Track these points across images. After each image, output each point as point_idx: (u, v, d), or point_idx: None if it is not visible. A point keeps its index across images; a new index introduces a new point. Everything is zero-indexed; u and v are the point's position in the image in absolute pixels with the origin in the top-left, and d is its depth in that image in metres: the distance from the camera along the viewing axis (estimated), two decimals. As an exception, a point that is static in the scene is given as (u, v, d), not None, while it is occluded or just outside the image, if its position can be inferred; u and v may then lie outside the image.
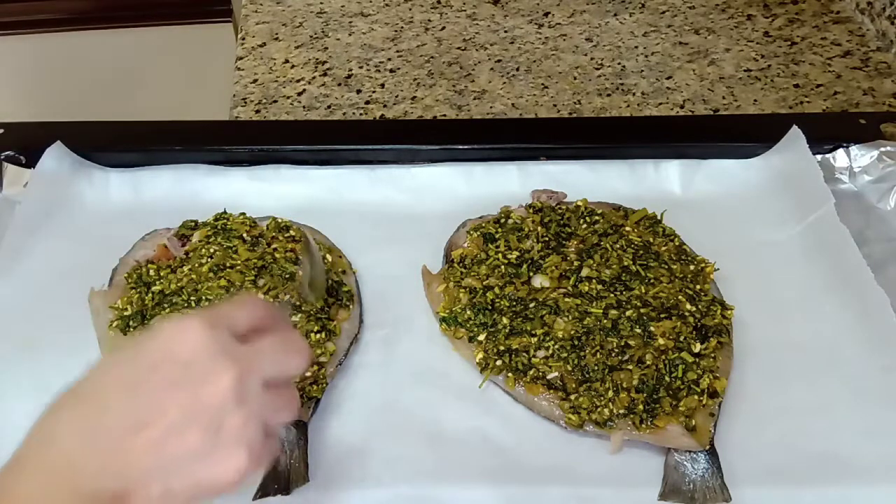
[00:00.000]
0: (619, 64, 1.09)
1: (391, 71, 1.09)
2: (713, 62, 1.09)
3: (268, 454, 0.48)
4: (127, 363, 0.46)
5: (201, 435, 0.44)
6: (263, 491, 0.61)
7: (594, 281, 0.72)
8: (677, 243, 0.77)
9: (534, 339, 0.69)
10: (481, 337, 0.70)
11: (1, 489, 0.43)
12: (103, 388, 0.46)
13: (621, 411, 0.65)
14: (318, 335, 0.70)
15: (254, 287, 0.72)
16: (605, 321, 0.69)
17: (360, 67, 1.10)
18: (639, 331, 0.68)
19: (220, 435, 0.45)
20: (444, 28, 1.17)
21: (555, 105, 1.03)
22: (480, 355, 0.70)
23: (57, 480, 0.44)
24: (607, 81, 1.07)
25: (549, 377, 0.67)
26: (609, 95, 1.04)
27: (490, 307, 0.72)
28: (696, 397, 0.65)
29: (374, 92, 1.05)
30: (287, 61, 1.11)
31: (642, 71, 1.08)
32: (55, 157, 0.84)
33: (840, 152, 0.87)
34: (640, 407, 0.65)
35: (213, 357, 0.45)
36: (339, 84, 1.07)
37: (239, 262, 0.74)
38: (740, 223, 0.83)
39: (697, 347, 0.68)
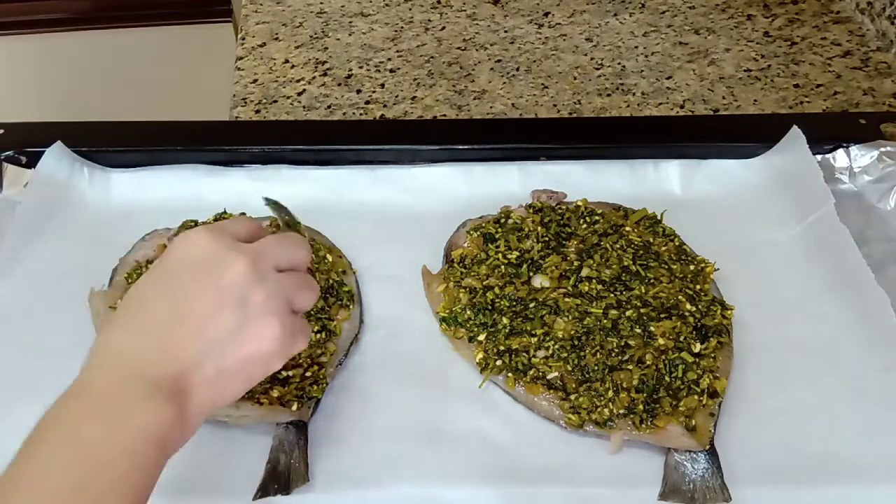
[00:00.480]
0: (619, 64, 1.09)
1: (391, 71, 1.09)
2: (713, 62, 1.09)
3: (301, 330, 0.54)
4: (155, 274, 0.54)
5: (232, 313, 0.51)
6: (263, 491, 0.61)
7: (594, 281, 0.72)
8: (677, 243, 0.77)
9: (534, 339, 0.69)
10: (481, 337, 0.70)
11: (80, 388, 0.49)
12: (141, 296, 0.53)
13: (621, 411, 0.65)
14: (318, 335, 0.70)
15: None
16: (605, 321, 0.69)
17: (360, 67, 1.10)
18: (639, 331, 0.68)
19: (247, 309, 0.51)
20: (444, 28, 1.17)
21: (555, 105, 1.03)
22: (480, 355, 0.70)
23: (124, 372, 0.49)
24: (607, 81, 1.07)
25: (549, 377, 0.67)
26: (609, 95, 1.04)
27: (490, 307, 0.72)
28: (696, 397, 0.65)
29: (374, 92, 1.05)
30: (287, 61, 1.11)
31: (642, 71, 1.08)
32: (55, 157, 0.84)
33: (840, 152, 0.87)
34: (640, 407, 0.65)
35: (223, 251, 0.52)
36: (339, 84, 1.07)
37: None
38: (740, 223, 0.83)
39: (697, 347, 0.68)
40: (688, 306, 0.70)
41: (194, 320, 0.51)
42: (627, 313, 0.69)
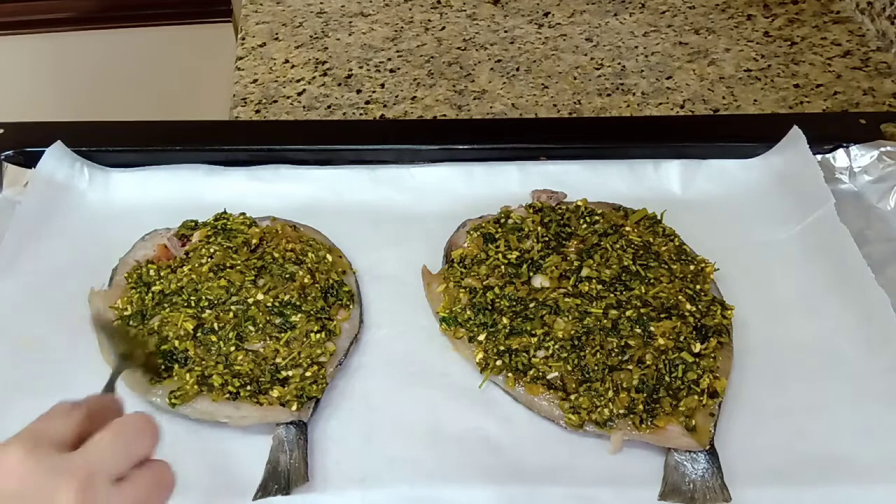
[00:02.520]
0: (619, 64, 1.09)
1: (391, 71, 1.09)
2: (713, 62, 1.09)
3: None
4: None
5: None
6: (263, 491, 0.61)
7: (594, 281, 0.72)
8: (677, 243, 0.77)
9: (534, 339, 0.69)
10: (481, 337, 0.70)
11: None
12: None
13: (621, 411, 0.65)
14: (318, 335, 0.70)
15: (254, 287, 0.72)
16: (605, 321, 0.69)
17: (360, 67, 1.10)
18: (639, 331, 0.68)
19: None
20: (444, 28, 1.17)
21: (555, 105, 1.03)
22: (480, 355, 0.70)
23: None
24: (607, 81, 1.07)
25: (549, 377, 0.67)
26: (609, 95, 1.04)
27: (490, 307, 0.72)
28: (696, 397, 0.65)
29: (374, 92, 1.05)
30: (287, 61, 1.11)
31: (642, 71, 1.08)
32: (55, 157, 0.84)
33: (840, 152, 0.87)
34: (640, 407, 0.65)
35: (43, 480, 0.42)
36: (339, 84, 1.07)
37: (239, 262, 0.74)
38: (740, 223, 0.83)
39: (697, 347, 0.68)
40: (688, 306, 0.70)
41: None
42: (627, 313, 0.69)
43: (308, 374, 0.67)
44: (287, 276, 0.73)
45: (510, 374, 0.68)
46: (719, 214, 0.84)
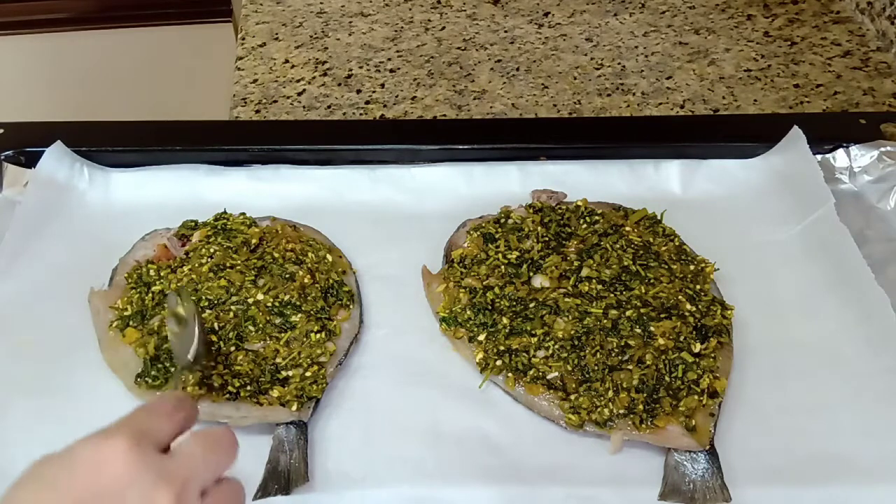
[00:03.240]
0: (619, 64, 1.09)
1: (391, 71, 1.09)
2: (713, 62, 1.09)
3: None
4: (52, 494, 0.41)
5: None
6: (263, 491, 0.61)
7: (594, 281, 0.72)
8: (677, 243, 0.77)
9: (534, 339, 0.69)
10: (481, 337, 0.70)
11: None
12: None
13: (621, 411, 0.65)
14: (318, 335, 0.70)
15: (254, 287, 0.72)
16: (605, 321, 0.69)
17: (360, 67, 1.10)
18: (639, 331, 0.68)
19: None
20: (444, 28, 1.17)
21: (555, 105, 1.03)
22: (480, 355, 0.70)
23: None
24: (607, 81, 1.07)
25: (549, 377, 0.67)
26: (609, 95, 1.04)
27: (490, 307, 0.72)
28: (696, 397, 0.65)
29: (374, 92, 1.05)
30: (287, 61, 1.11)
31: (642, 71, 1.08)
32: (55, 157, 0.84)
33: (840, 152, 0.87)
34: (640, 407, 0.65)
35: (147, 481, 0.41)
36: (339, 84, 1.07)
37: (239, 261, 0.74)
38: (740, 223, 0.83)
39: (697, 347, 0.68)
40: (688, 306, 0.70)
41: None
42: (627, 313, 0.69)
43: (308, 374, 0.67)
44: (287, 276, 0.73)
45: (510, 374, 0.68)
46: (719, 214, 0.84)
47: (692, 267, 0.75)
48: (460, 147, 0.89)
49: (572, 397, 0.66)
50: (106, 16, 1.78)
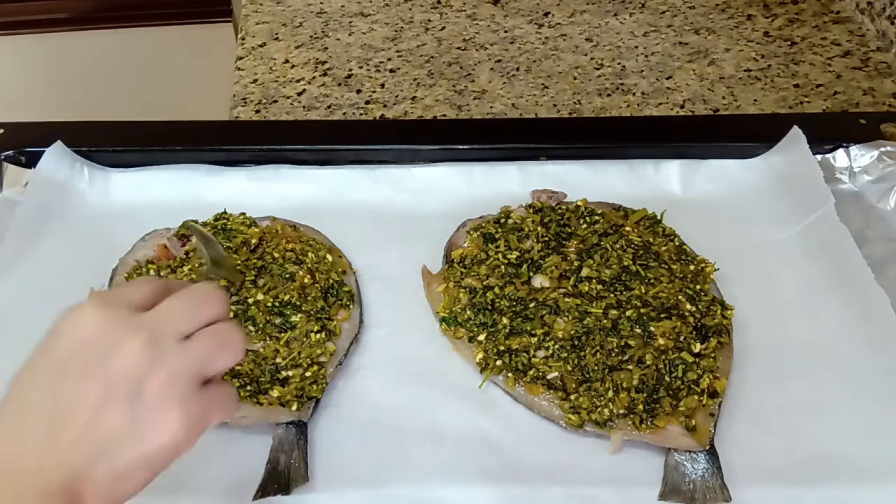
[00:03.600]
0: (619, 64, 1.09)
1: (391, 71, 1.09)
2: (713, 62, 1.09)
3: (218, 401, 0.49)
4: (40, 362, 0.47)
5: (122, 408, 0.45)
6: (263, 491, 0.61)
7: (594, 281, 0.72)
8: (677, 243, 0.77)
9: (534, 339, 0.69)
10: (481, 337, 0.70)
11: None
12: (22, 392, 0.46)
13: (621, 411, 0.65)
14: (318, 335, 0.70)
15: (254, 287, 0.72)
16: (605, 321, 0.69)
17: (360, 67, 1.10)
18: (639, 331, 0.68)
19: (141, 401, 0.45)
20: (444, 28, 1.17)
21: (555, 105, 1.03)
22: (480, 355, 0.70)
23: (7, 486, 0.44)
24: (607, 81, 1.07)
25: (549, 377, 0.67)
26: (609, 95, 1.04)
27: (490, 307, 0.72)
28: (696, 397, 0.65)
29: (374, 92, 1.05)
30: (287, 61, 1.11)
31: (642, 71, 1.08)
32: (55, 157, 0.84)
33: (840, 152, 0.87)
34: (640, 407, 0.65)
35: (115, 331, 0.46)
36: (339, 84, 1.07)
37: (239, 262, 0.74)
38: (740, 223, 0.83)
39: (697, 347, 0.68)
40: (688, 306, 0.70)
41: (78, 420, 0.44)
42: (627, 313, 0.69)
43: (308, 374, 0.67)
44: (287, 276, 0.73)
45: (510, 374, 0.68)
46: (719, 214, 0.84)
47: (692, 267, 0.75)
48: (460, 147, 0.89)
49: (572, 397, 0.66)
50: (106, 16, 1.78)
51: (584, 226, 0.78)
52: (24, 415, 0.45)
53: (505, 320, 0.71)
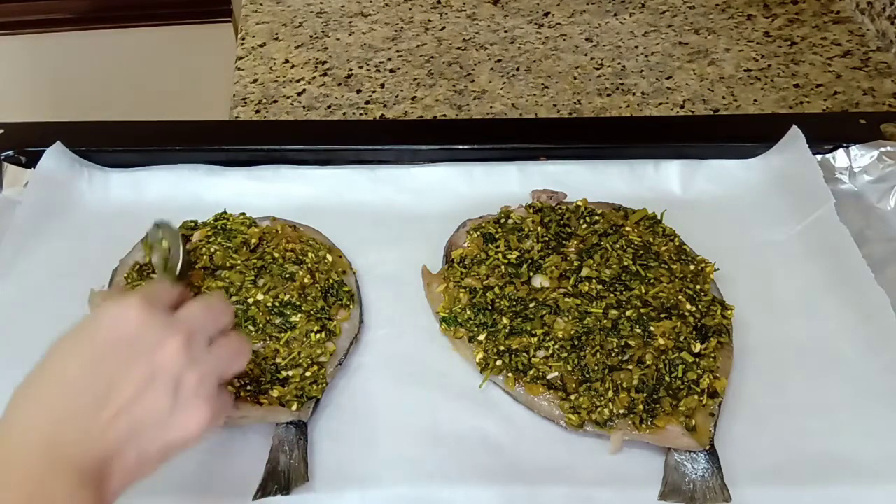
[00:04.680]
0: (619, 64, 1.09)
1: (391, 71, 1.09)
2: (713, 62, 1.09)
3: (224, 407, 0.53)
4: (82, 344, 0.50)
5: (163, 396, 0.49)
6: (263, 490, 0.61)
7: (594, 281, 0.72)
8: (677, 243, 0.77)
9: (534, 339, 0.69)
10: (481, 337, 0.70)
11: None
12: (62, 369, 0.49)
13: (621, 411, 0.65)
14: (318, 335, 0.70)
15: (254, 287, 0.72)
16: (605, 321, 0.69)
17: (360, 67, 1.10)
18: (639, 331, 0.68)
19: (180, 393, 0.49)
20: (444, 28, 1.17)
21: (555, 105, 1.03)
22: (480, 355, 0.70)
23: (45, 457, 0.46)
24: (607, 81, 1.07)
25: (549, 377, 0.67)
26: (609, 95, 1.04)
27: (490, 307, 0.72)
28: (696, 397, 0.65)
29: (374, 92, 1.05)
30: (287, 61, 1.11)
31: (642, 71, 1.08)
32: (55, 157, 0.84)
33: (840, 152, 0.87)
34: (640, 407, 0.65)
35: (158, 328, 0.50)
36: (339, 84, 1.07)
37: (239, 262, 0.74)
38: (740, 223, 0.83)
39: (697, 347, 0.68)
40: (688, 306, 0.70)
41: (121, 401, 0.48)
42: (627, 313, 0.69)
43: (308, 374, 0.67)
44: (287, 276, 0.73)
45: (510, 374, 0.68)
46: (719, 214, 0.84)
47: (692, 267, 0.75)
48: (460, 147, 0.89)
49: (572, 397, 0.66)
50: (106, 16, 1.78)
51: (584, 226, 0.78)
52: (66, 390, 0.48)
53: (505, 320, 0.71)
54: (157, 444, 0.49)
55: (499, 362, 0.69)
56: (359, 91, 1.05)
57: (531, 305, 0.71)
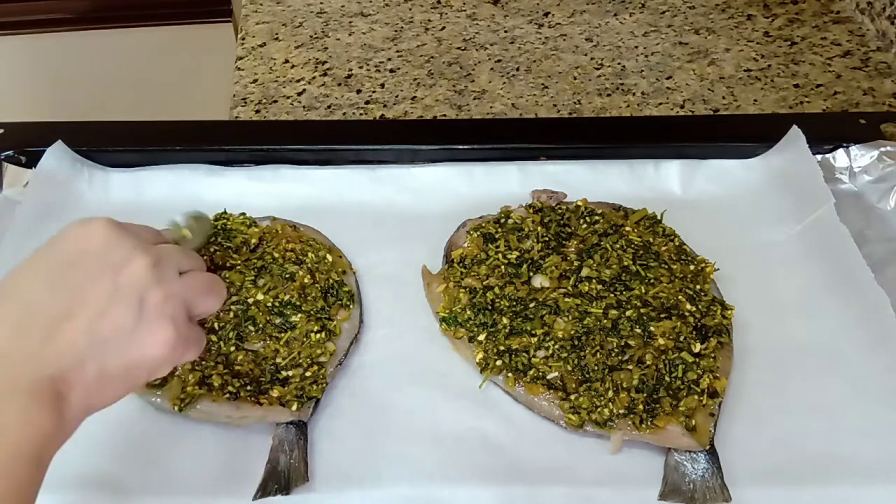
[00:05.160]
0: (619, 64, 1.09)
1: (391, 71, 1.09)
2: (713, 62, 1.09)
3: (196, 339, 0.53)
4: (44, 261, 0.49)
5: (126, 312, 0.48)
6: (263, 490, 0.61)
7: (594, 281, 0.72)
8: (677, 243, 0.77)
9: (534, 339, 0.69)
10: (481, 337, 0.70)
11: None
12: (26, 286, 0.48)
13: (621, 411, 0.65)
14: (318, 335, 0.70)
15: (254, 287, 0.72)
16: (605, 321, 0.69)
17: (360, 67, 1.10)
18: (639, 331, 0.68)
19: (143, 310, 0.48)
20: (444, 28, 1.17)
21: (555, 105, 1.03)
22: (480, 355, 0.70)
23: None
24: (607, 81, 1.07)
25: (549, 377, 0.67)
26: (609, 95, 1.04)
27: (490, 307, 0.72)
28: (696, 397, 0.65)
29: (374, 92, 1.05)
30: (287, 61, 1.11)
31: (642, 71, 1.08)
32: (55, 157, 0.84)
33: (840, 152, 0.87)
34: (640, 407, 0.65)
35: (126, 248, 0.50)
36: (339, 84, 1.07)
37: (239, 262, 0.74)
38: (740, 223, 0.83)
39: (697, 347, 0.68)
40: (688, 306, 0.70)
41: (82, 316, 0.47)
42: (627, 313, 0.69)
43: (308, 374, 0.67)
44: (287, 276, 0.73)
45: (510, 374, 0.68)
46: (719, 214, 0.84)
47: (692, 267, 0.75)
48: (460, 147, 0.88)
49: (572, 397, 0.66)
50: (106, 16, 1.78)
51: (584, 226, 0.78)
52: (25, 305, 0.47)
53: (505, 320, 0.71)
54: (117, 362, 0.47)
55: (499, 362, 0.69)
56: (359, 91, 1.05)
57: (531, 305, 0.71)
